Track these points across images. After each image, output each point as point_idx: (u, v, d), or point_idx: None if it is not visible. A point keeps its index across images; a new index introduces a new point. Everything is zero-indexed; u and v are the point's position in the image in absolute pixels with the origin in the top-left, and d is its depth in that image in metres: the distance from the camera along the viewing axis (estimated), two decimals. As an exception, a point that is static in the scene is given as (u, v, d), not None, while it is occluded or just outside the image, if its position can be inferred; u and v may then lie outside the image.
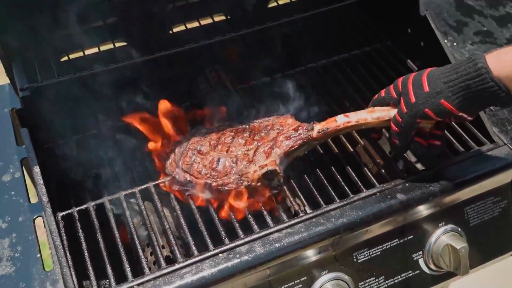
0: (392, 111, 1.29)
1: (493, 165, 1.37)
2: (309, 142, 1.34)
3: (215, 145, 1.35)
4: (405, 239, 1.35)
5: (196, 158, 1.34)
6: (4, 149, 1.43)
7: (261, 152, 1.32)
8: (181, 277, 1.16)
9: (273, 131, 1.36)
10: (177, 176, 1.33)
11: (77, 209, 1.32)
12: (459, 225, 1.38)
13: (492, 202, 1.41)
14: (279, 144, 1.32)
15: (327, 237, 1.24)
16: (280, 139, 1.33)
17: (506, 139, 1.41)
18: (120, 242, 1.26)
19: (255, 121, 1.41)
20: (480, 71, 1.11)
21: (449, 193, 1.32)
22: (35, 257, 1.22)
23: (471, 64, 1.13)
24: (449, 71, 1.17)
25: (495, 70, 1.11)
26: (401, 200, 1.28)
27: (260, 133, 1.37)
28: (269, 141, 1.34)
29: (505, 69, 1.11)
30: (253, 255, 1.20)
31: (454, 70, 1.16)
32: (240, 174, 1.30)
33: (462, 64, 1.16)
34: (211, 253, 1.21)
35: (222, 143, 1.35)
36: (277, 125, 1.37)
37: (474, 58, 1.14)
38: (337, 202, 1.29)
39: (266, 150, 1.32)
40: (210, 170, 1.32)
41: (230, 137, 1.36)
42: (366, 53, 1.72)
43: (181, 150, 1.36)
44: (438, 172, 1.34)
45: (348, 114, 1.35)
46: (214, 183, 1.30)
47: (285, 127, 1.36)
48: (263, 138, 1.35)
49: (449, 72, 1.17)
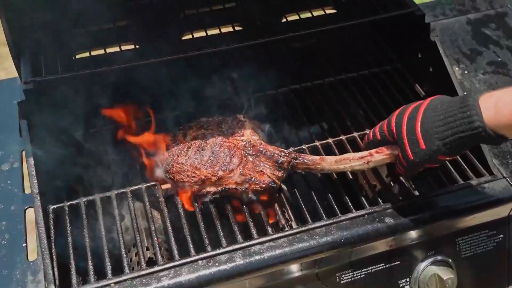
0: (386, 156, 1.28)
1: (489, 198, 1.34)
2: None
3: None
4: (392, 264, 1.33)
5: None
6: (7, 139, 1.47)
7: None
8: (158, 280, 1.17)
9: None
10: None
11: (68, 203, 1.34)
12: (450, 255, 1.36)
13: (487, 235, 1.38)
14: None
15: (309, 254, 1.23)
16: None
17: (505, 172, 1.38)
18: (106, 240, 1.27)
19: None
20: (477, 130, 1.07)
21: (440, 221, 1.30)
22: (20, 246, 1.25)
23: (466, 121, 1.08)
24: (442, 125, 1.12)
25: (492, 123, 1.06)
26: (388, 224, 1.27)
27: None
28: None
29: (503, 121, 1.05)
30: (232, 265, 1.20)
31: (449, 125, 1.11)
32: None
33: (456, 118, 1.10)
34: (191, 258, 1.21)
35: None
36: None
37: (469, 112, 1.08)
38: (323, 220, 1.28)
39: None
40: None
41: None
42: (375, 74, 1.71)
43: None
44: (431, 199, 1.33)
45: (340, 160, 1.31)
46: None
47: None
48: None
49: (443, 126, 1.12)
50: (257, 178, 1.31)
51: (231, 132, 1.39)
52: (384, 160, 1.30)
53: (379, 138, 1.28)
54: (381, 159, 1.30)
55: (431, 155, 1.15)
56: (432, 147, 1.14)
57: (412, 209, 1.29)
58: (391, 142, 1.26)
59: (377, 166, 1.34)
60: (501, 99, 1.06)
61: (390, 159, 1.29)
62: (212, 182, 1.31)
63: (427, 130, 1.15)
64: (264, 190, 1.32)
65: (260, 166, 1.33)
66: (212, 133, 1.39)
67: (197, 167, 1.32)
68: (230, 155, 1.33)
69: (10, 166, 1.40)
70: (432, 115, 1.15)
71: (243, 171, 1.32)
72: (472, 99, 1.09)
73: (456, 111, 1.11)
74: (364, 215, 1.29)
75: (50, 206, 1.33)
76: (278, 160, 1.33)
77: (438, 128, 1.13)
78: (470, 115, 1.08)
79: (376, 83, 1.67)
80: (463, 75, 1.68)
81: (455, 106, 1.12)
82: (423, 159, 1.17)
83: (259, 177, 1.31)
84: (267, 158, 1.34)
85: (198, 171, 1.32)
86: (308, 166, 1.34)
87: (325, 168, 1.33)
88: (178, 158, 1.34)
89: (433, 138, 1.14)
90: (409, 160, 1.20)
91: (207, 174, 1.31)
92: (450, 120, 1.11)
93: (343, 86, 1.68)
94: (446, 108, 1.13)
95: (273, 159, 1.33)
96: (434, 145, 1.14)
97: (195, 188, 1.31)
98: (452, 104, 1.13)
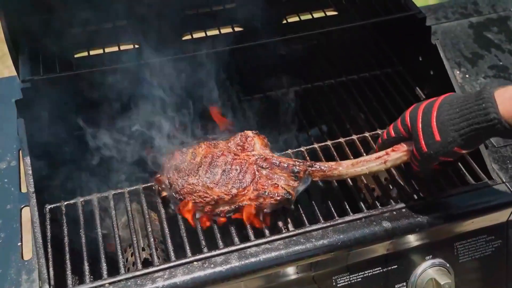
0: (403, 153, 1.27)
1: (488, 203, 1.33)
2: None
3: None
4: (389, 268, 1.32)
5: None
6: (6, 138, 1.47)
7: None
8: (153, 281, 1.17)
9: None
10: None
11: (65, 203, 1.34)
12: (448, 260, 1.35)
13: (485, 240, 1.37)
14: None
15: (306, 257, 1.22)
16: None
17: (505, 177, 1.37)
18: (102, 240, 1.27)
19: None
20: (493, 122, 1.08)
21: (438, 226, 1.29)
22: (15, 245, 1.25)
23: (482, 113, 1.09)
24: (458, 117, 1.13)
25: (508, 115, 1.07)
26: (386, 228, 1.26)
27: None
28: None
29: None
30: (228, 267, 1.19)
31: (464, 117, 1.12)
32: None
33: (472, 110, 1.11)
34: (186, 260, 1.21)
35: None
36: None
37: (484, 105, 1.09)
38: (320, 223, 1.28)
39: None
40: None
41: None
42: (376, 77, 1.70)
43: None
44: (429, 203, 1.32)
45: (357, 163, 1.30)
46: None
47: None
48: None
49: (459, 118, 1.13)
50: (271, 191, 1.28)
51: (241, 148, 1.37)
52: (401, 157, 1.28)
53: (393, 135, 1.28)
54: (398, 157, 1.28)
55: (446, 147, 1.16)
56: (447, 138, 1.15)
57: (410, 213, 1.28)
58: (406, 138, 1.26)
59: (394, 166, 1.31)
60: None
61: (407, 156, 1.27)
62: (226, 201, 1.28)
63: (442, 123, 1.16)
64: (279, 202, 1.28)
65: (275, 178, 1.30)
66: (222, 150, 1.35)
67: (209, 186, 1.28)
68: (243, 171, 1.30)
69: (7, 165, 1.40)
70: (447, 109, 1.16)
71: (256, 186, 1.29)
72: (487, 92, 1.10)
73: (471, 104, 1.12)
74: (362, 218, 1.28)
75: (47, 205, 1.32)
76: (294, 170, 1.30)
77: (453, 120, 1.14)
78: (485, 107, 1.09)
79: (377, 86, 1.66)
80: (464, 79, 1.67)
81: (470, 99, 1.13)
82: (438, 151, 1.17)
83: (273, 190, 1.28)
84: (281, 169, 1.31)
85: (210, 191, 1.28)
86: (325, 173, 1.31)
87: (342, 172, 1.30)
88: (189, 178, 1.30)
89: (448, 130, 1.14)
90: (423, 153, 1.19)
91: (220, 193, 1.27)
92: (466, 112, 1.12)
93: (343, 88, 1.67)
94: (462, 102, 1.15)
95: (288, 170, 1.30)
96: (449, 137, 1.14)
97: (208, 208, 1.28)
98: (467, 98, 1.14)
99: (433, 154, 1.18)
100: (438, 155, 1.18)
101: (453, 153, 1.17)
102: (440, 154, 1.17)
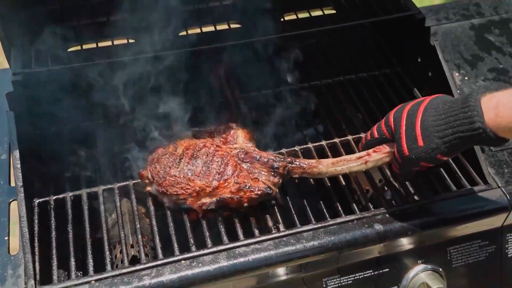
0: (384, 155, 1.26)
1: (482, 207, 1.31)
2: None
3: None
4: (381, 271, 1.30)
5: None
6: (-4, 130, 1.45)
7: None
8: (140, 279, 1.15)
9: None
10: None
11: (54, 197, 1.33)
12: (440, 264, 1.33)
13: (479, 245, 1.35)
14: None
15: (295, 258, 1.21)
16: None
17: (500, 181, 1.35)
18: (89, 236, 1.26)
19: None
20: (478, 131, 1.06)
21: (431, 229, 1.27)
22: (2, 240, 1.23)
23: (467, 122, 1.07)
24: (443, 124, 1.11)
25: (493, 125, 1.05)
26: (377, 231, 1.24)
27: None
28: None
29: (503, 123, 1.04)
30: (216, 266, 1.18)
31: (449, 125, 1.10)
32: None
33: (457, 118, 1.09)
34: (174, 258, 1.19)
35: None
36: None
37: (470, 113, 1.07)
38: (312, 224, 1.26)
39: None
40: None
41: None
42: (374, 77, 1.68)
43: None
44: (422, 206, 1.30)
45: (337, 162, 1.29)
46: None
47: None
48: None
49: (444, 126, 1.11)
50: (252, 185, 1.27)
51: (223, 140, 1.36)
52: (382, 159, 1.27)
53: (376, 136, 1.26)
54: (380, 158, 1.27)
55: (429, 153, 1.14)
56: (431, 144, 1.13)
57: (402, 216, 1.27)
58: (389, 140, 1.24)
59: (375, 167, 1.30)
60: (501, 101, 1.05)
61: (389, 157, 1.26)
62: (207, 193, 1.27)
63: (427, 128, 1.14)
64: (259, 197, 1.28)
65: (255, 173, 1.30)
66: (204, 142, 1.35)
67: (191, 178, 1.28)
68: (224, 163, 1.30)
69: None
70: (433, 114, 1.14)
71: (237, 179, 1.28)
72: (473, 99, 1.08)
73: (457, 111, 1.10)
74: (354, 220, 1.27)
75: (36, 199, 1.31)
76: (273, 166, 1.30)
77: (438, 126, 1.12)
78: (471, 116, 1.07)
79: (375, 87, 1.64)
80: (463, 81, 1.64)
81: (456, 106, 1.11)
82: (419, 156, 1.15)
83: (254, 184, 1.28)
84: (262, 164, 1.31)
85: (192, 183, 1.27)
86: (304, 170, 1.30)
87: (322, 171, 1.30)
88: (170, 170, 1.29)
89: (432, 136, 1.13)
90: (405, 156, 1.18)
91: (201, 185, 1.27)
92: (451, 119, 1.11)
93: (340, 88, 1.65)
94: (448, 108, 1.13)
95: (268, 165, 1.30)
96: (433, 143, 1.13)
97: (190, 200, 1.27)
98: (453, 105, 1.12)
99: (414, 158, 1.16)
100: (419, 160, 1.16)
101: (435, 159, 1.15)
102: (421, 159, 1.16)
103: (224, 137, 1.37)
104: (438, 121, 1.13)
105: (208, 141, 1.36)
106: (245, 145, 1.36)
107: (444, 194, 1.33)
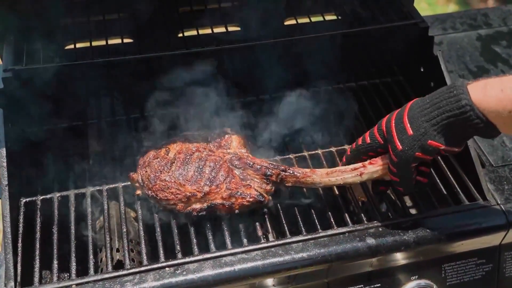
0: (380, 167, 1.22)
1: (479, 224, 1.26)
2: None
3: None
4: (372, 286, 1.26)
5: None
6: (-12, 127, 1.43)
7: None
8: (122, 285, 1.13)
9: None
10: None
11: (41, 197, 1.30)
12: (435, 281, 1.29)
13: (475, 263, 1.31)
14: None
15: (283, 270, 1.17)
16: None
17: (500, 199, 1.31)
18: (74, 239, 1.23)
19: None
20: (464, 108, 1.04)
21: (425, 245, 1.23)
22: (-15, 239, 1.21)
23: (453, 100, 1.05)
24: (429, 107, 1.10)
25: (480, 104, 1.03)
26: (369, 245, 1.20)
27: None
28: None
29: (491, 104, 1.02)
30: (200, 275, 1.14)
31: (435, 106, 1.09)
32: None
33: (442, 98, 1.08)
34: (158, 265, 1.16)
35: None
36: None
37: (455, 92, 1.05)
38: (301, 235, 1.22)
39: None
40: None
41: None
42: (374, 85, 1.64)
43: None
44: (418, 221, 1.26)
45: (332, 172, 1.26)
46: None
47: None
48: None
49: (430, 108, 1.10)
50: (244, 192, 1.25)
51: (217, 145, 1.34)
52: (378, 171, 1.23)
53: (368, 141, 1.23)
54: (375, 171, 1.23)
55: (419, 139, 1.10)
56: (419, 130, 1.10)
57: (396, 230, 1.23)
58: (382, 145, 1.21)
59: (370, 179, 1.27)
60: (490, 82, 1.04)
61: (384, 170, 1.23)
62: (198, 198, 1.24)
63: (413, 116, 1.12)
64: (251, 204, 1.25)
65: (248, 179, 1.27)
66: (197, 146, 1.32)
67: (182, 183, 1.25)
68: (216, 169, 1.27)
69: (-14, 156, 1.37)
70: (419, 104, 1.14)
71: (229, 185, 1.25)
72: (460, 82, 1.07)
73: (443, 93, 1.09)
74: (345, 232, 1.23)
75: (23, 199, 1.29)
76: (266, 173, 1.27)
77: (424, 111, 1.11)
78: (457, 94, 1.05)
79: (375, 95, 1.61)
80: (466, 93, 1.60)
81: (442, 90, 1.10)
82: (412, 146, 1.12)
83: (246, 191, 1.25)
84: (254, 171, 1.28)
85: (182, 188, 1.25)
86: (298, 179, 1.27)
87: (315, 181, 1.27)
88: (161, 174, 1.26)
89: (419, 121, 1.10)
90: (398, 152, 1.14)
91: (192, 190, 1.24)
92: (437, 101, 1.09)
93: (340, 95, 1.61)
94: (433, 94, 1.12)
95: (261, 172, 1.27)
96: (421, 128, 1.10)
97: (180, 205, 1.24)
98: (439, 90, 1.11)
99: (408, 150, 1.12)
100: (413, 151, 1.12)
101: (428, 148, 1.10)
102: (415, 149, 1.12)
103: (218, 141, 1.35)
104: (424, 105, 1.11)
105: (201, 145, 1.33)
106: (239, 150, 1.33)
107: (441, 209, 1.29)
